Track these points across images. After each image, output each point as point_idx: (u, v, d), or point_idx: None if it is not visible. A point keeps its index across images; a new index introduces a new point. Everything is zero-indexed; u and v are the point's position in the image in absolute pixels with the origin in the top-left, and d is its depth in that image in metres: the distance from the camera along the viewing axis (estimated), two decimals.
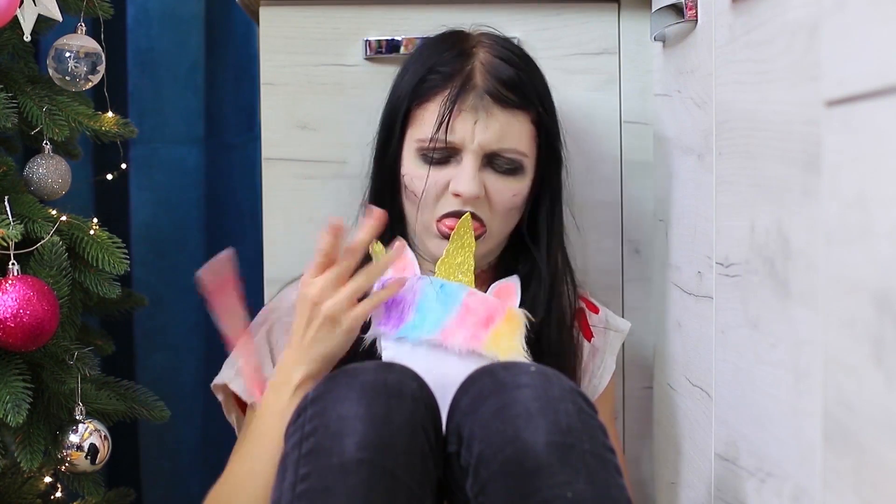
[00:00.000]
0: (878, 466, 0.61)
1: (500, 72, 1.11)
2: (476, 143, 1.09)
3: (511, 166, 1.12)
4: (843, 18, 0.66)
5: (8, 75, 1.30)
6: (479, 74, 1.11)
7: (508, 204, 1.13)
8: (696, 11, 1.07)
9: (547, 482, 0.83)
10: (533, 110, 1.13)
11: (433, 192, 1.11)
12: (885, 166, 0.60)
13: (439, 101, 1.10)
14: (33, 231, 1.21)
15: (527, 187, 1.14)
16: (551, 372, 0.94)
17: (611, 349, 1.22)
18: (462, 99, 1.09)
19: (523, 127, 1.12)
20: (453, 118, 1.09)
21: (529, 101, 1.12)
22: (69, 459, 1.26)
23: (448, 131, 1.09)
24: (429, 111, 1.11)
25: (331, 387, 0.90)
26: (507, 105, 1.10)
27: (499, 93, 1.10)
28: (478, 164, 1.10)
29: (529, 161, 1.13)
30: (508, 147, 1.11)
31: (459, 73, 1.11)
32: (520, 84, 1.12)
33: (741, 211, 0.92)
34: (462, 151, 1.10)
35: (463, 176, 1.09)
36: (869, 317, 0.62)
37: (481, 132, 1.09)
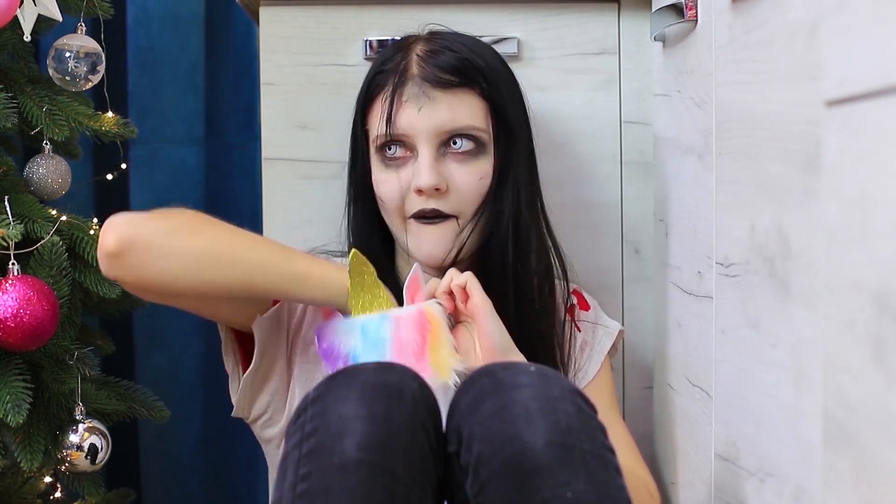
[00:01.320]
0: (878, 466, 0.61)
1: (436, 58, 1.13)
2: (425, 132, 1.10)
3: (470, 146, 1.12)
4: (843, 18, 0.66)
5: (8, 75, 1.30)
6: (415, 65, 1.13)
7: (477, 189, 1.12)
8: (696, 11, 1.07)
9: (546, 482, 0.82)
10: (476, 86, 1.13)
11: (397, 195, 1.12)
12: (885, 166, 0.60)
13: (381, 99, 1.13)
14: (33, 231, 1.21)
15: (490, 164, 1.13)
16: (551, 372, 0.94)
17: (599, 346, 1.22)
18: (400, 91, 1.11)
19: (471, 103, 1.12)
20: (396, 111, 1.11)
21: (470, 78, 1.13)
22: (69, 459, 1.26)
23: (393, 124, 1.11)
24: (375, 111, 1.14)
25: (331, 387, 0.90)
26: (446, 86, 1.11)
27: (435, 77, 1.11)
28: (433, 153, 1.11)
29: (488, 137, 1.13)
30: (461, 126, 1.11)
31: (397, 67, 1.13)
32: (457, 64, 1.12)
33: (741, 211, 0.92)
34: (416, 145, 1.11)
35: (420, 169, 1.10)
36: (869, 317, 0.62)
37: (427, 118, 1.10)
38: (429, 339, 1.03)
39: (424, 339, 1.02)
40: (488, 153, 1.14)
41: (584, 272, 1.27)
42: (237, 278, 1.02)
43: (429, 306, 1.05)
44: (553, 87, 1.34)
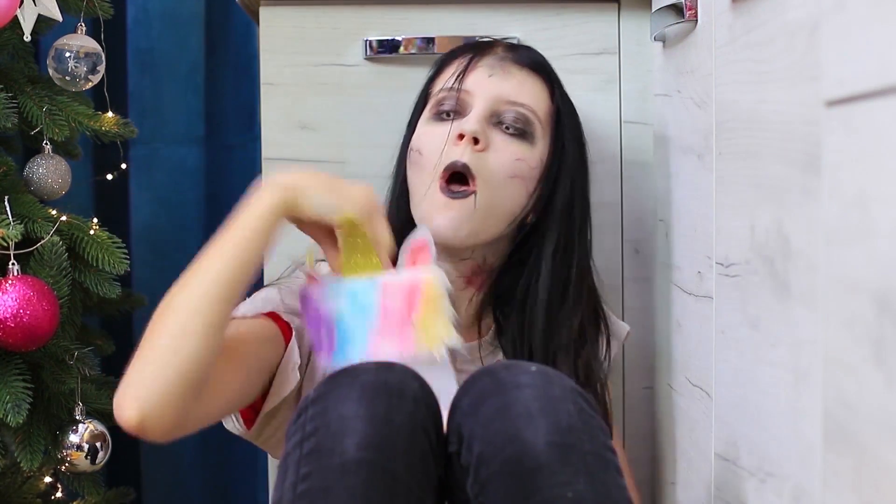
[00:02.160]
0: (878, 466, 0.61)
1: (519, 50, 1.16)
2: (487, 95, 1.11)
3: (519, 127, 1.12)
4: (843, 18, 0.66)
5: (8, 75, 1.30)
6: (500, 48, 1.16)
7: (509, 167, 1.10)
8: (696, 11, 1.07)
9: (547, 482, 0.83)
10: (550, 84, 1.16)
11: (437, 145, 1.10)
12: (885, 166, 0.60)
13: (457, 63, 1.14)
14: (33, 231, 1.21)
15: (534, 158, 1.12)
16: (552, 372, 0.94)
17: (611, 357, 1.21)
18: (479, 58, 1.13)
19: (540, 92, 1.14)
20: (468, 72, 1.12)
21: (549, 75, 1.16)
22: (69, 459, 1.26)
23: (461, 80, 1.12)
24: (446, 73, 1.15)
25: (331, 387, 0.90)
26: (524, 64, 1.14)
27: (518, 57, 1.14)
28: (486, 114, 1.11)
29: (540, 130, 1.13)
30: (522, 101, 1.12)
31: (483, 45, 1.17)
32: (542, 60, 1.17)
33: (741, 211, 0.92)
34: (472, 105, 1.12)
35: (469, 118, 1.10)
36: (869, 317, 0.62)
37: (496, 84, 1.12)
38: (419, 309, 0.96)
39: (411, 309, 0.96)
40: (534, 145, 1.13)
41: None
42: (213, 309, 1.00)
43: (427, 274, 0.97)
44: None
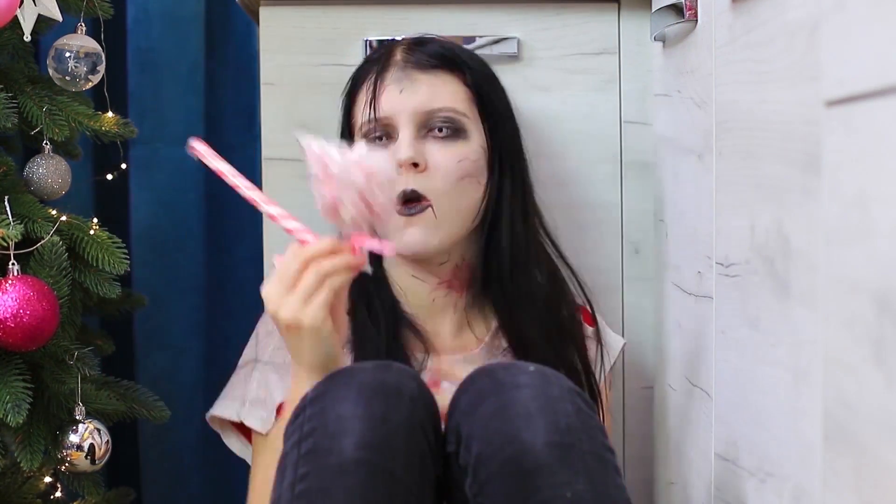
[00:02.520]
0: (878, 466, 0.61)
1: (420, 46, 1.14)
2: (406, 112, 1.10)
3: (451, 128, 1.12)
4: (843, 18, 0.66)
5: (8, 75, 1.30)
6: (399, 53, 1.14)
7: (455, 171, 1.11)
8: (695, 11, 1.07)
9: (546, 482, 0.83)
10: (459, 71, 1.14)
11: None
12: (885, 166, 0.60)
13: (365, 88, 1.14)
14: (33, 231, 1.21)
15: (474, 152, 1.13)
16: (550, 372, 0.94)
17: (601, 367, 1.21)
18: (383, 77, 1.12)
19: (452, 86, 1.13)
20: (378, 94, 1.11)
21: (454, 63, 1.14)
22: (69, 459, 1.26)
23: (376, 108, 1.11)
24: (360, 99, 1.14)
25: (329, 387, 0.90)
26: (429, 68, 1.12)
27: (419, 60, 1.12)
28: (413, 132, 1.11)
29: (470, 122, 1.13)
30: (440, 106, 1.11)
31: (380, 59, 1.14)
32: (441, 51, 1.14)
33: (741, 211, 0.92)
34: (397, 127, 1.11)
35: (399, 145, 1.10)
36: (869, 317, 0.62)
37: (408, 98, 1.11)
38: None
39: None
40: (469, 139, 1.13)
41: (584, 272, 1.27)
42: None
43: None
44: (553, 87, 1.34)
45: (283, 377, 1.13)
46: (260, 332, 1.20)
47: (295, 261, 0.94)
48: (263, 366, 1.15)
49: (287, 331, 0.95)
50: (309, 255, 0.94)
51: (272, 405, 1.12)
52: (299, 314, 0.93)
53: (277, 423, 1.11)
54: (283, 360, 1.14)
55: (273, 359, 1.15)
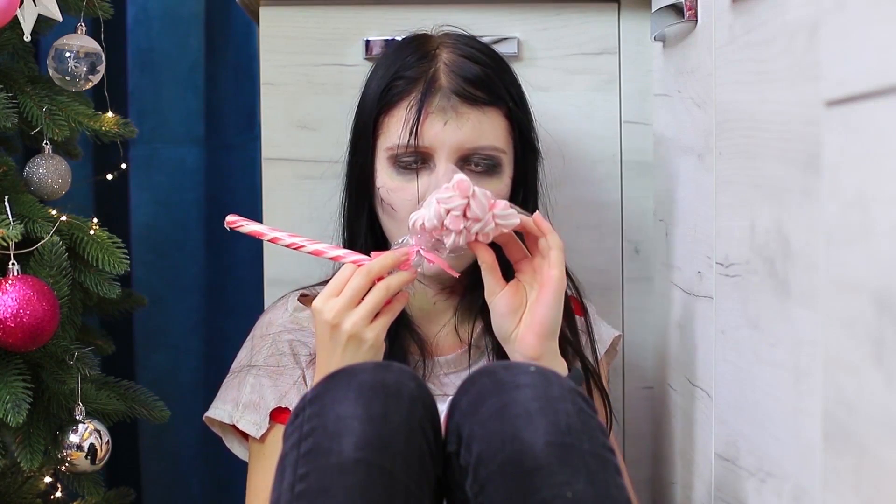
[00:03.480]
0: (878, 466, 0.61)
1: (466, 70, 1.09)
2: (448, 146, 1.08)
3: (488, 164, 1.10)
4: (843, 18, 0.66)
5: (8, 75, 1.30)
6: (444, 75, 1.09)
7: None
8: (695, 11, 1.07)
9: (546, 482, 0.82)
10: (503, 105, 1.11)
11: (410, 206, 1.08)
12: (885, 166, 0.60)
13: (405, 107, 1.09)
14: (33, 231, 1.21)
15: (506, 186, 1.12)
16: (551, 372, 0.94)
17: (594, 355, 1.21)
18: (428, 101, 1.08)
19: (496, 122, 1.10)
20: (421, 122, 1.07)
21: (499, 96, 1.11)
22: (69, 459, 1.26)
23: (417, 136, 1.07)
24: (395, 118, 1.10)
25: (329, 387, 0.90)
26: (476, 103, 1.09)
27: (466, 91, 1.08)
28: (451, 167, 1.07)
29: (507, 157, 1.12)
30: (484, 145, 1.09)
31: (424, 76, 1.09)
32: (487, 80, 1.10)
33: (741, 211, 0.92)
34: (434, 157, 1.09)
35: (439, 182, 1.06)
36: (869, 317, 0.62)
37: (452, 133, 1.08)
38: None
39: None
40: (504, 172, 1.12)
41: (584, 272, 1.27)
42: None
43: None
44: (553, 87, 1.34)
45: (277, 383, 1.13)
46: (255, 336, 1.19)
47: (360, 277, 1.00)
48: (258, 371, 1.15)
49: (347, 341, 0.99)
50: (375, 271, 1.00)
51: (265, 410, 1.12)
52: (364, 330, 0.99)
53: (273, 429, 1.12)
54: (276, 365, 1.14)
55: (267, 363, 1.15)
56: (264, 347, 1.17)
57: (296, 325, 1.17)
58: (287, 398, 1.12)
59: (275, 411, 1.12)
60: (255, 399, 1.13)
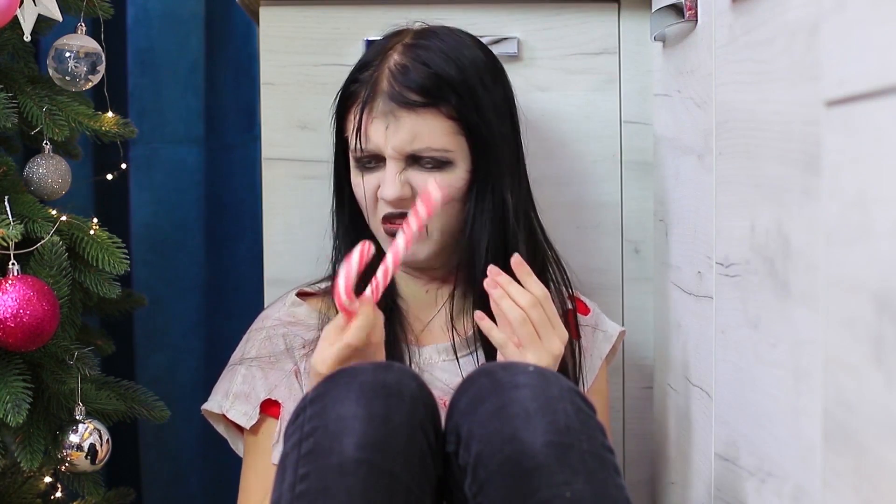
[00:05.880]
0: (878, 466, 0.61)
1: (406, 76, 1.11)
2: (391, 148, 1.11)
3: (435, 163, 1.12)
4: (843, 18, 0.66)
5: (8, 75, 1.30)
6: (385, 80, 1.12)
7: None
8: (695, 11, 1.07)
9: (545, 482, 0.83)
10: (443, 105, 1.11)
11: (370, 200, 1.14)
12: (885, 166, 0.60)
13: (354, 111, 1.13)
14: (33, 231, 1.21)
15: (460, 179, 1.13)
16: (550, 372, 0.94)
17: (597, 352, 1.21)
18: (370, 107, 1.12)
19: (434, 124, 1.11)
20: (366, 126, 1.12)
21: (437, 96, 1.11)
22: (69, 459, 1.26)
23: (364, 140, 1.12)
24: (349, 121, 1.15)
25: (330, 387, 0.90)
26: (411, 107, 1.10)
27: (402, 96, 1.10)
28: (399, 166, 1.12)
29: (456, 155, 1.13)
30: (422, 146, 1.11)
31: (369, 79, 1.13)
32: (425, 83, 1.10)
33: (741, 211, 0.92)
34: (384, 155, 1.12)
35: (385, 181, 1.12)
36: (869, 317, 0.62)
37: (392, 136, 1.11)
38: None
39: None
40: (456, 167, 1.13)
41: (584, 272, 1.27)
42: None
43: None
44: (553, 87, 1.34)
45: (268, 375, 1.15)
46: (252, 329, 1.22)
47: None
48: (250, 363, 1.16)
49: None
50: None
51: (256, 401, 1.14)
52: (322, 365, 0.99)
53: (265, 422, 1.14)
54: (269, 356, 1.16)
55: (260, 355, 1.16)
56: (258, 340, 1.18)
57: (291, 319, 1.18)
58: (277, 391, 1.14)
59: (264, 403, 1.14)
60: (246, 390, 1.15)
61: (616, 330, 1.24)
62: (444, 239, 1.16)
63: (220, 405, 1.16)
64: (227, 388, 1.16)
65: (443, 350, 1.17)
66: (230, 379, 1.17)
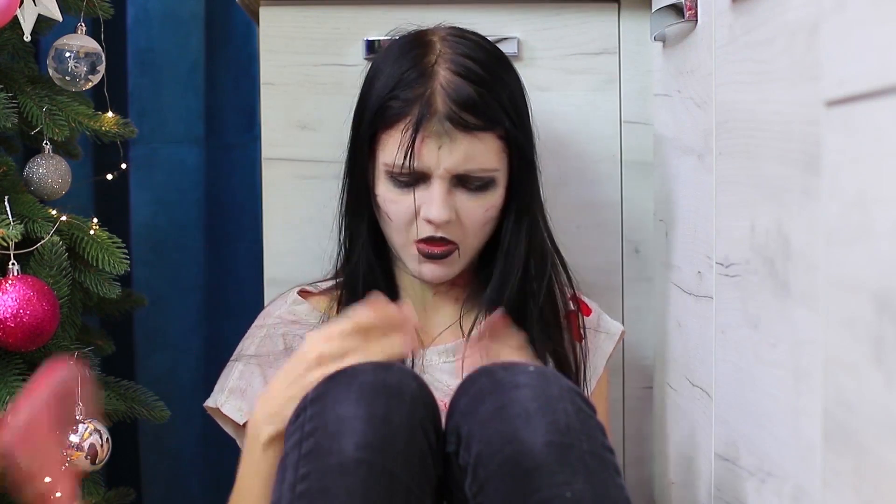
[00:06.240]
0: (878, 466, 0.61)
1: (460, 93, 1.09)
2: (442, 168, 1.09)
3: (482, 183, 1.12)
4: (843, 18, 0.66)
5: (8, 75, 1.30)
6: (440, 98, 1.09)
7: (482, 220, 1.13)
8: (695, 11, 1.07)
9: (546, 482, 0.83)
10: (498, 127, 1.11)
11: (406, 217, 1.12)
12: (885, 166, 0.60)
13: (401, 128, 1.09)
14: (33, 231, 1.21)
15: (500, 198, 1.14)
16: (550, 372, 0.94)
17: (601, 352, 1.22)
18: (424, 126, 1.08)
19: (489, 145, 1.11)
20: (418, 146, 1.09)
21: (493, 119, 1.10)
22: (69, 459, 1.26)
23: (413, 159, 1.09)
24: (393, 137, 1.10)
25: (330, 387, 0.90)
26: (468, 129, 1.09)
27: (459, 118, 1.08)
28: (447, 187, 1.10)
29: (500, 174, 1.13)
30: (475, 167, 1.10)
31: (420, 98, 1.09)
32: (481, 104, 1.09)
33: (741, 211, 0.92)
34: (430, 176, 1.10)
35: (433, 203, 1.09)
36: (869, 317, 0.62)
37: (446, 157, 1.09)
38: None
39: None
40: (498, 187, 1.13)
41: (584, 272, 1.27)
42: None
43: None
44: (553, 87, 1.34)
45: (266, 372, 1.15)
46: (253, 326, 1.21)
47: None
48: (248, 359, 1.16)
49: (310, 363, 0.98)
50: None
51: (251, 396, 1.14)
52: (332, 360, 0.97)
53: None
54: (267, 354, 1.16)
55: (259, 353, 1.16)
56: (258, 338, 1.18)
57: (292, 317, 1.18)
58: None
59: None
60: (243, 385, 1.15)
61: (618, 329, 1.24)
62: (471, 257, 1.16)
63: (215, 400, 1.16)
64: (223, 384, 1.17)
65: (444, 352, 1.17)
66: (227, 375, 1.17)
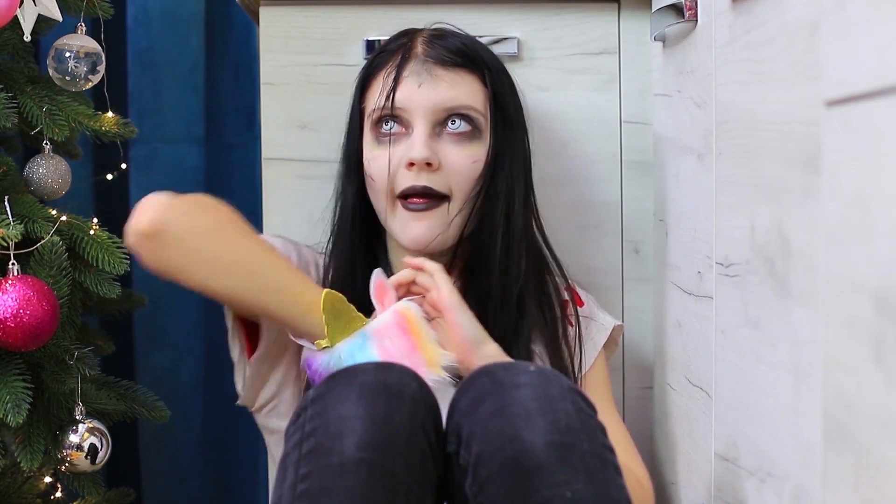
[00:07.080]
0: (878, 466, 0.61)
1: (443, 41, 1.14)
2: (423, 107, 1.11)
3: (467, 128, 1.12)
4: (843, 18, 0.66)
5: (8, 75, 1.30)
6: (421, 45, 1.15)
7: (469, 172, 1.13)
8: (695, 11, 1.07)
9: (546, 482, 0.83)
10: (479, 71, 1.14)
11: (387, 171, 1.12)
12: (885, 166, 0.60)
13: (383, 75, 1.14)
14: (33, 231, 1.21)
15: (485, 153, 1.14)
16: (550, 371, 0.94)
17: (592, 342, 1.21)
18: (403, 67, 1.13)
19: (472, 86, 1.13)
20: (396, 85, 1.12)
21: (475, 63, 1.14)
22: (69, 459, 1.26)
23: (393, 100, 1.11)
24: (375, 86, 1.15)
25: (331, 387, 0.90)
26: (450, 65, 1.12)
27: (441, 56, 1.12)
28: (429, 130, 1.11)
29: (484, 121, 1.14)
30: (459, 104, 1.12)
31: (402, 48, 1.15)
32: (463, 49, 1.14)
33: (741, 211, 0.92)
34: (412, 121, 1.12)
35: (414, 143, 1.11)
36: (869, 317, 0.62)
37: (427, 93, 1.11)
38: (412, 339, 1.02)
39: (410, 341, 1.01)
40: (483, 139, 1.14)
41: (584, 272, 1.27)
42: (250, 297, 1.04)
43: (403, 307, 1.04)
44: (553, 87, 1.34)
45: None
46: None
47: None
48: None
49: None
50: None
51: None
52: None
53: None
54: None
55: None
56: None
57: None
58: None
59: None
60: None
61: (611, 322, 1.24)
62: (460, 225, 1.14)
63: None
64: None
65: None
66: None
